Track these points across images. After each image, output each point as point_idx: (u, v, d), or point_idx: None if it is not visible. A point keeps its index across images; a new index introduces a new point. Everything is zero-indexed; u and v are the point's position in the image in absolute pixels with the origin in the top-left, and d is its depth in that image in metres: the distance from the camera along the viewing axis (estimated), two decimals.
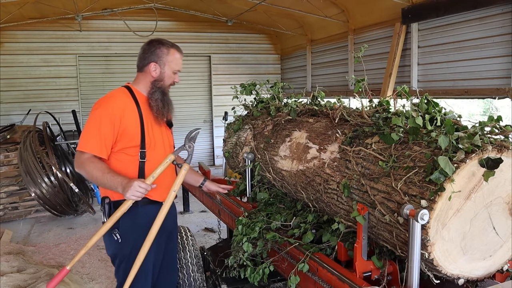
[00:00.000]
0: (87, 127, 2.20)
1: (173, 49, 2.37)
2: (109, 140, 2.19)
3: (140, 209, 2.26)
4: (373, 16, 6.70)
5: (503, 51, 4.64)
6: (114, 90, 2.37)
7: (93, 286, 4.07)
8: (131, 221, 2.24)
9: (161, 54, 2.33)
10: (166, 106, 2.35)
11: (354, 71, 7.26)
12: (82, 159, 2.18)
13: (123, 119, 2.20)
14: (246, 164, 3.17)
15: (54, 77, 8.94)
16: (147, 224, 2.25)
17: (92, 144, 2.17)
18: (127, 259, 2.26)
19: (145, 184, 2.08)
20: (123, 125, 2.21)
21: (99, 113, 2.20)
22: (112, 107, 2.21)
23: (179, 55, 2.40)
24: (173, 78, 2.39)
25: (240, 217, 2.73)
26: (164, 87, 2.37)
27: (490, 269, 1.85)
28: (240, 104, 3.71)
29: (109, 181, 2.13)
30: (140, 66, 2.37)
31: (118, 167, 2.23)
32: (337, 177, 2.19)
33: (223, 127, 8.64)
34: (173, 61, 2.36)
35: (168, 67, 2.35)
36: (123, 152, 2.25)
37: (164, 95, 2.35)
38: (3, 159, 6.38)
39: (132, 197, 2.08)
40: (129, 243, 2.25)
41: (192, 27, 9.61)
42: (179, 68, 2.41)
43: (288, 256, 2.32)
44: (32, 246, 5.20)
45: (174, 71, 2.38)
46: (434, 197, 1.62)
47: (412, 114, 1.96)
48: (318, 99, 3.14)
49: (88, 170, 2.16)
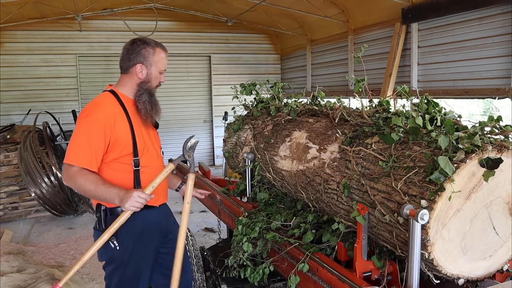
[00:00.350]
0: (76, 138, 2.10)
1: (159, 49, 2.28)
2: (99, 151, 2.09)
3: (136, 215, 2.16)
4: (373, 16, 6.70)
5: (503, 51, 4.64)
6: (99, 95, 2.26)
7: (93, 286, 4.07)
8: (128, 228, 2.17)
9: (147, 54, 2.23)
10: (154, 107, 2.27)
11: (354, 71, 7.26)
12: (71, 172, 2.07)
13: (114, 128, 2.11)
14: (246, 164, 3.17)
15: (54, 77, 8.95)
16: (144, 229, 2.23)
17: (82, 157, 2.07)
18: (124, 266, 2.23)
19: (144, 195, 2.02)
20: (115, 134, 2.12)
21: (88, 122, 2.10)
22: (103, 115, 2.11)
23: (164, 54, 2.30)
24: (159, 78, 2.31)
25: (240, 217, 2.73)
26: (150, 88, 2.28)
27: (490, 269, 1.85)
28: (240, 104, 3.71)
29: (104, 193, 2.05)
30: (125, 68, 2.26)
31: (113, 177, 2.16)
32: (337, 177, 2.19)
33: (223, 127, 8.64)
34: (159, 61, 2.27)
35: (155, 67, 2.26)
36: (117, 161, 2.17)
37: (151, 96, 2.27)
38: (3, 159, 6.38)
39: (131, 208, 2.01)
40: (128, 250, 2.21)
41: (192, 27, 9.61)
42: (165, 68, 2.32)
43: (288, 256, 2.31)
44: (32, 246, 5.20)
45: (161, 71, 2.30)
46: (434, 197, 1.62)
47: (412, 114, 1.96)
48: (318, 99, 3.14)
49: (79, 184, 2.06)
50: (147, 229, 2.25)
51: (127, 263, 2.22)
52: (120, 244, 2.18)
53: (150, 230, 2.28)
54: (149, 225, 2.26)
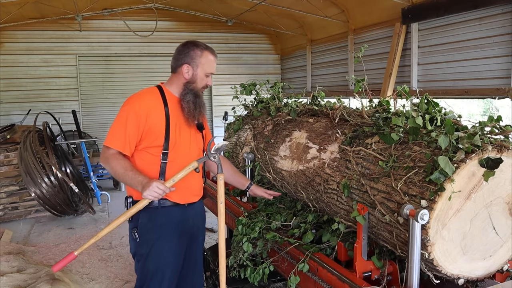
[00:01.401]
0: (115, 123, 2.24)
1: (207, 52, 2.35)
2: (133, 138, 2.21)
3: (160, 210, 2.27)
4: (373, 16, 6.70)
5: (503, 51, 4.64)
6: (145, 88, 2.39)
7: (93, 286, 4.07)
8: (149, 222, 2.26)
9: (194, 56, 2.32)
10: (198, 108, 2.34)
11: (354, 71, 7.26)
12: (107, 154, 2.21)
13: (148, 118, 2.21)
14: (246, 164, 3.17)
15: (54, 77, 8.95)
16: (166, 225, 2.27)
17: (118, 141, 2.20)
18: (144, 259, 2.29)
19: (163, 186, 2.08)
20: (149, 123, 2.22)
21: (126, 110, 2.23)
22: (140, 105, 2.23)
23: (212, 58, 2.37)
24: (205, 80, 2.37)
25: (240, 217, 2.73)
26: (196, 89, 2.35)
27: (490, 269, 1.85)
28: (240, 104, 3.71)
29: (131, 179, 2.15)
30: (174, 67, 2.37)
31: (140, 166, 2.25)
32: (337, 177, 2.19)
33: (223, 127, 8.64)
34: (206, 63, 2.34)
35: (201, 69, 2.33)
36: (146, 151, 2.26)
37: (196, 97, 2.34)
38: (3, 159, 6.38)
39: (148, 197, 2.08)
40: (147, 243, 2.27)
41: (192, 27, 9.61)
42: (212, 71, 2.38)
43: (288, 256, 2.32)
44: (32, 246, 5.20)
45: (207, 74, 2.36)
46: (434, 197, 1.62)
47: (412, 114, 1.96)
48: (318, 99, 3.14)
49: (112, 165, 2.19)
50: (169, 224, 2.28)
51: (147, 256, 2.28)
52: (140, 236, 2.27)
53: (172, 226, 2.30)
54: (172, 221, 2.29)
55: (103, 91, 9.34)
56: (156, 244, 2.27)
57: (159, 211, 2.27)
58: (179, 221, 2.33)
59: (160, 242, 2.28)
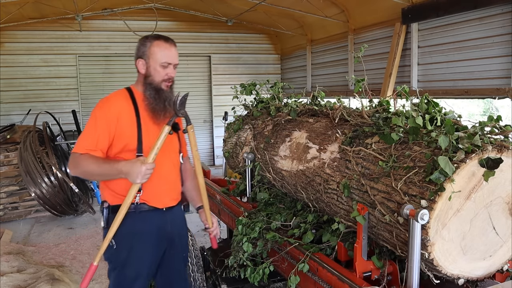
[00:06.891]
0: (84, 130, 2.14)
1: (158, 41, 2.16)
2: (103, 138, 2.09)
3: (137, 215, 2.15)
4: (373, 16, 6.70)
5: (503, 51, 4.64)
6: (114, 91, 2.26)
7: (93, 286, 4.07)
8: (127, 228, 2.13)
9: (144, 48, 2.17)
10: (160, 103, 2.15)
11: (354, 71, 7.26)
12: (76, 160, 2.08)
13: (119, 122, 2.11)
14: (246, 164, 3.17)
15: (54, 77, 8.95)
16: (144, 231, 2.19)
17: (87, 143, 2.08)
18: (121, 266, 2.20)
19: (150, 164, 1.98)
20: (120, 126, 2.11)
21: (94, 114, 2.13)
22: (109, 108, 2.12)
23: (165, 45, 2.16)
24: (163, 72, 2.16)
25: (240, 217, 2.73)
26: (155, 83, 2.17)
27: (490, 269, 1.85)
28: (240, 104, 3.71)
29: (108, 170, 2.04)
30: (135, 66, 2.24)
31: None
32: (337, 177, 2.19)
33: (223, 127, 8.64)
34: (158, 52, 2.14)
35: (153, 60, 2.15)
36: (120, 157, 2.14)
37: (156, 91, 2.16)
38: (3, 159, 6.38)
39: (143, 181, 1.99)
40: (125, 249, 2.18)
41: (192, 27, 9.62)
42: (168, 60, 2.16)
43: (288, 256, 2.32)
44: (32, 246, 5.20)
45: (162, 64, 2.15)
46: (434, 197, 1.62)
47: (412, 114, 1.96)
48: (318, 99, 3.14)
49: (82, 166, 2.06)
50: (147, 230, 2.20)
51: (124, 263, 2.19)
52: (117, 243, 2.14)
53: (151, 232, 2.22)
54: (150, 227, 2.21)
55: (103, 91, 9.32)
56: (134, 251, 2.17)
57: (136, 216, 2.14)
58: (157, 226, 2.23)
59: (137, 248, 2.18)
